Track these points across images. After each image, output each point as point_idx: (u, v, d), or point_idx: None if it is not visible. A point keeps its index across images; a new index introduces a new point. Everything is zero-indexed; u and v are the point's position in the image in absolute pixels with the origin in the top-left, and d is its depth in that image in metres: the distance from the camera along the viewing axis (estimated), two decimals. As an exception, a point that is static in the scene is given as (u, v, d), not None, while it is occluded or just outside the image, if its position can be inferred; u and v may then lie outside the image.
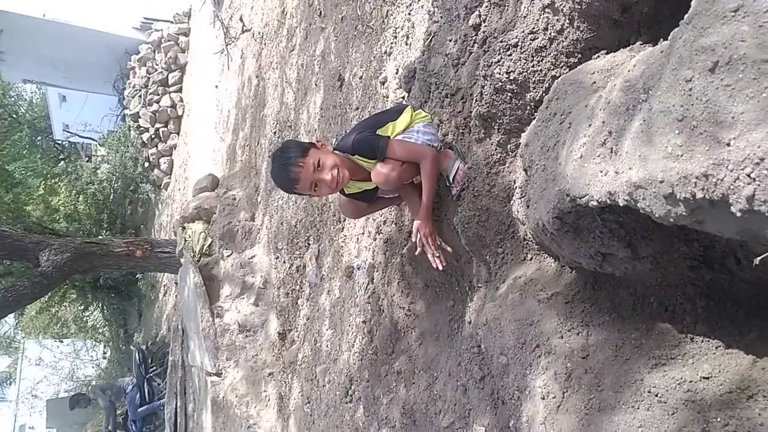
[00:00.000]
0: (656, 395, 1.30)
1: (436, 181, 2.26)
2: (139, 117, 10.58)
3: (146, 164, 10.97)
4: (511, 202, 1.90)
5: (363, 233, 3.26)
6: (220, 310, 5.42)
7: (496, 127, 1.95)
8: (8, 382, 15.25)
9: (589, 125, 1.29)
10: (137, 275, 10.31)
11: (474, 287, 2.23)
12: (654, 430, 1.26)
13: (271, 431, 4.35)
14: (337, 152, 2.26)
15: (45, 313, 11.52)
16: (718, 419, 1.20)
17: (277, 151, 2.25)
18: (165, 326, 8.29)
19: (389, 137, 2.22)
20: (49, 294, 9.36)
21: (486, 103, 1.90)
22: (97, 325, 12.78)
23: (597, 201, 1.17)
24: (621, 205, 1.12)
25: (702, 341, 1.37)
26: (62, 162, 12.81)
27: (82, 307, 11.36)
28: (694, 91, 0.95)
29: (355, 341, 3.18)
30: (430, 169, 2.18)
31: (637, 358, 1.41)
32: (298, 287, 4.37)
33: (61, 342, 13.84)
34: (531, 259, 1.89)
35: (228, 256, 5.55)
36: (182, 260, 6.00)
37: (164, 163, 10.71)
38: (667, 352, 1.38)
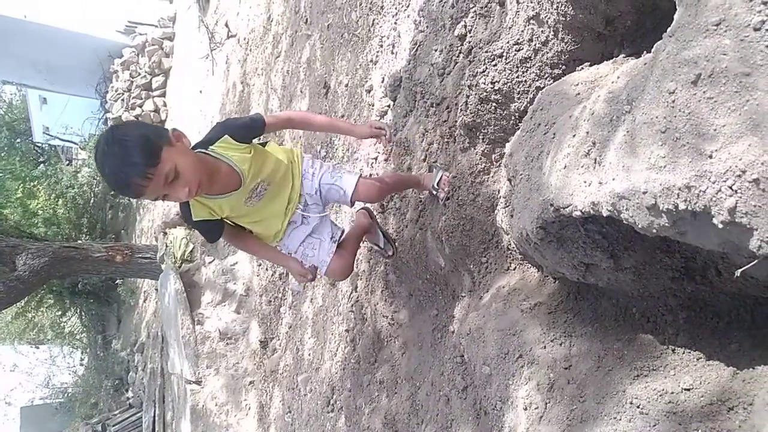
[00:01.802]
0: (638, 407, 1.30)
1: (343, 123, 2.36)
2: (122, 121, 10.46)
3: (128, 169, 10.80)
4: (495, 211, 1.90)
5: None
6: (200, 317, 5.35)
7: (480, 137, 1.95)
8: (-19, 389, 14.92)
9: (573, 136, 1.29)
10: (117, 281, 10.15)
11: (458, 296, 2.23)
12: (635, 442, 1.25)
13: (251, 443, 4.29)
14: (198, 153, 1.78)
15: (21, 318, 11.27)
16: (699, 430, 1.20)
17: (113, 142, 1.56)
18: (144, 333, 8.15)
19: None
20: (26, 299, 9.17)
21: (471, 113, 1.90)
22: (75, 331, 12.54)
23: (580, 211, 1.17)
24: (604, 215, 1.12)
25: (683, 352, 1.38)
26: (42, 165, 12.60)
27: (60, 312, 11.15)
28: (677, 103, 0.96)
29: (337, 350, 3.16)
30: (327, 121, 2.29)
31: (619, 369, 1.41)
32: (280, 295, 4.33)
33: (37, 348, 13.55)
34: (514, 269, 1.89)
35: (210, 262, 5.50)
36: (163, 266, 5.93)
37: (146, 167, 10.56)
38: (649, 363, 1.39)
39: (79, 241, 9.58)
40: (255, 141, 1.95)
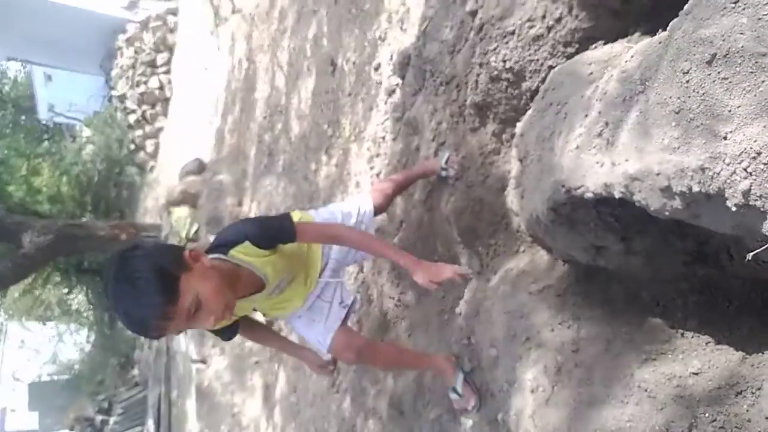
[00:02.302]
0: (646, 390, 1.29)
1: (388, 246, 1.94)
2: (126, 98, 10.42)
3: (132, 146, 10.81)
4: (505, 192, 1.88)
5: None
6: (206, 296, 5.38)
7: (491, 117, 1.92)
8: (-11, 364, 15.15)
9: (586, 116, 1.27)
10: (122, 259, 10.19)
11: (466, 280, 2.22)
12: (643, 425, 1.25)
13: (256, 420, 4.33)
14: (214, 260, 1.56)
15: (28, 295, 11.37)
16: (707, 414, 1.20)
17: (124, 280, 1.35)
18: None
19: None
20: (33, 276, 9.24)
21: (481, 92, 1.87)
22: (81, 309, 12.66)
23: (592, 193, 1.15)
24: (616, 197, 1.10)
25: (692, 337, 1.37)
26: (46, 142, 12.59)
27: (66, 290, 11.24)
28: (691, 84, 0.94)
29: (342, 330, 3.16)
30: (361, 240, 1.79)
31: (628, 352, 1.40)
32: (285, 274, 4.33)
33: (44, 325, 13.70)
34: (524, 252, 1.88)
35: (215, 241, 5.51)
36: (168, 244, 5.94)
37: (150, 145, 10.57)
38: (658, 347, 1.38)
39: (84, 219, 9.61)
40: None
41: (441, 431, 2.11)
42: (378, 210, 2.13)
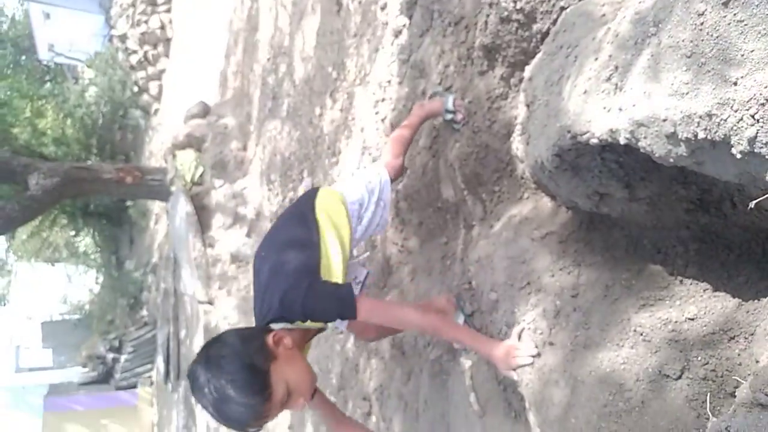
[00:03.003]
0: (641, 334, 1.32)
1: (463, 331, 1.79)
2: (127, 38, 10.20)
3: (135, 88, 10.68)
4: (511, 138, 1.87)
5: (358, 168, 3.22)
6: (211, 240, 5.45)
7: (499, 60, 1.88)
8: (2, 303, 15.52)
9: (596, 59, 1.24)
10: (128, 202, 10.26)
11: (468, 225, 2.23)
12: (636, 367, 1.29)
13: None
14: (288, 332, 1.48)
15: (36, 237, 11.53)
16: (699, 358, 1.23)
17: (216, 385, 1.32)
18: (156, 254, 8.34)
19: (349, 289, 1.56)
20: (40, 218, 9.33)
21: (490, 34, 1.82)
22: (89, 251, 12.85)
23: (598, 138, 1.14)
24: (622, 143, 1.10)
25: (691, 284, 1.38)
26: (48, 83, 12.43)
27: (73, 232, 11.39)
28: (705, 26, 0.91)
29: (346, 274, 3.21)
30: (435, 326, 1.65)
31: (626, 298, 1.42)
32: (290, 219, 4.36)
33: (53, 266, 13.95)
34: (527, 198, 1.88)
35: (220, 186, 5.52)
36: (173, 189, 5.97)
37: (154, 87, 10.43)
38: (656, 293, 1.40)
39: (89, 162, 9.61)
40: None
41: (441, 371, 2.18)
42: (394, 178, 2.04)
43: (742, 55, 0.86)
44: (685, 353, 1.25)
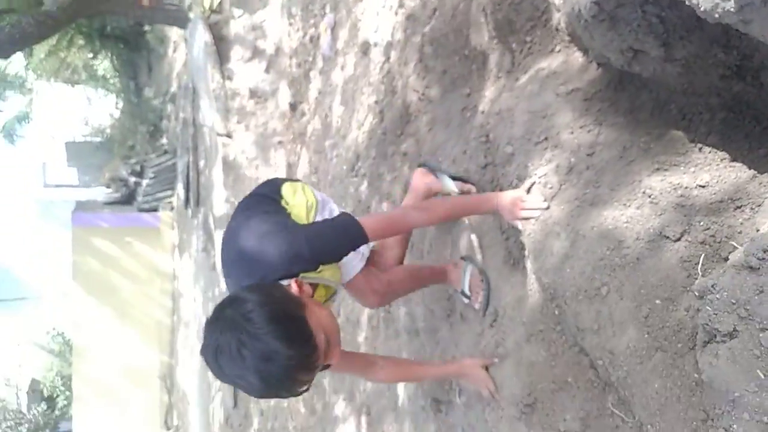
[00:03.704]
0: (650, 196, 1.35)
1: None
2: None
3: None
4: (551, -16, 1.74)
5: (384, 6, 3.05)
6: (230, 73, 5.36)
7: None
8: (26, 120, 15.81)
9: None
10: (145, 27, 9.93)
11: (494, 77, 2.17)
12: (638, 227, 1.33)
13: (277, 193, 4.63)
14: (306, 284, 1.36)
15: (54, 56, 11.34)
16: (701, 223, 1.27)
17: (247, 342, 1.14)
18: (175, 83, 8.26)
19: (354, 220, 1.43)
20: (56, 38, 9.12)
21: None
22: (107, 75, 12.74)
23: (645, -12, 1.07)
24: (670, -6, 1.03)
25: (709, 152, 1.38)
26: None
27: (91, 54, 11.18)
28: None
29: (365, 120, 3.20)
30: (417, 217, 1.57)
31: (642, 161, 1.43)
32: (310, 59, 4.24)
33: (73, 87, 13.94)
34: (558, 52, 1.80)
35: (239, 16, 5.29)
36: (191, 15, 5.73)
37: None
38: (673, 158, 1.40)
39: (105, -20, 9.11)
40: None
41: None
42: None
43: None
44: (689, 218, 1.29)
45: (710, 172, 1.33)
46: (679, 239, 1.27)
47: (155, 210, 8.92)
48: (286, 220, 1.49)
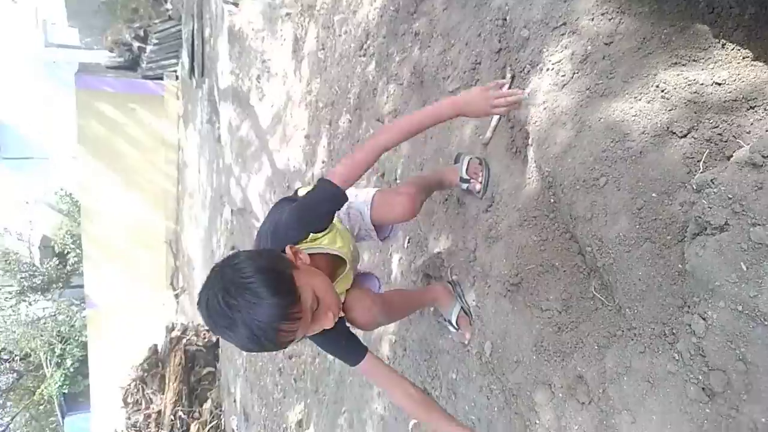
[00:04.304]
0: (662, 90, 1.32)
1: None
2: None
3: None
4: None
5: None
6: (239, -67, 5.00)
7: None
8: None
9: None
10: None
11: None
12: (646, 121, 1.32)
13: (284, 70, 4.51)
14: (303, 252, 1.42)
15: None
16: (711, 120, 1.26)
17: (233, 291, 1.20)
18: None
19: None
20: None
21: None
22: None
23: None
24: None
25: (732, 49, 1.33)
26: None
27: None
28: None
29: (378, -5, 3.04)
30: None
31: (660, 53, 1.38)
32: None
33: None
34: (590, -72, 1.67)
35: None
36: None
37: None
38: (693, 53, 1.35)
39: None
40: None
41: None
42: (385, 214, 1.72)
43: None
44: (699, 114, 1.28)
45: (729, 69, 1.30)
46: (685, 136, 1.26)
47: (160, 78, 8.74)
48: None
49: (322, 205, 1.43)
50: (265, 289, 1.18)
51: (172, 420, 6.26)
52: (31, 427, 14.60)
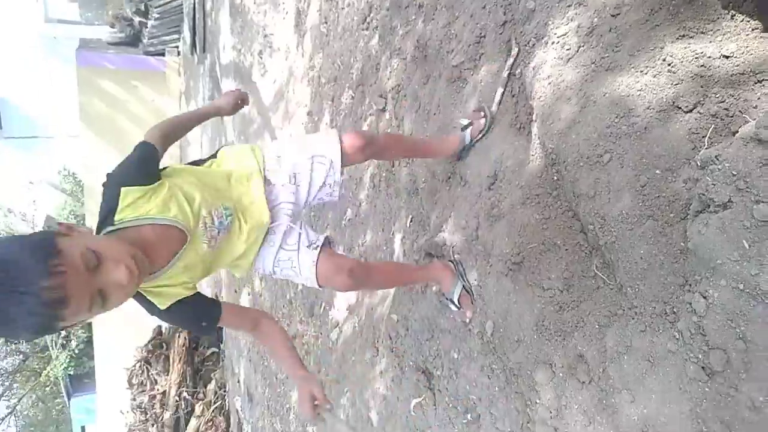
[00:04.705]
0: (669, 64, 1.29)
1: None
2: None
3: None
4: None
5: None
6: None
7: None
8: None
9: None
10: None
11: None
12: (651, 95, 1.29)
13: (287, 45, 4.45)
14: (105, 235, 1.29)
15: None
16: (717, 95, 1.23)
17: None
18: None
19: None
20: None
21: None
22: None
23: None
24: None
25: (741, 20, 1.29)
26: None
27: None
28: None
29: (381, -34, 2.98)
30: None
31: (668, 26, 1.34)
32: None
33: None
34: None
35: None
36: None
37: None
38: (701, 25, 1.32)
39: None
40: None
41: (459, 78, 2.19)
42: (348, 161, 1.69)
43: None
44: (705, 89, 1.24)
45: (738, 42, 1.26)
46: (691, 111, 1.24)
47: (161, 54, 8.66)
48: None
49: (128, 161, 1.39)
50: (14, 259, 1.05)
51: (176, 401, 6.35)
52: (38, 408, 14.84)
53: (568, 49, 1.48)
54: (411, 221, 2.51)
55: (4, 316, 1.04)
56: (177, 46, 8.54)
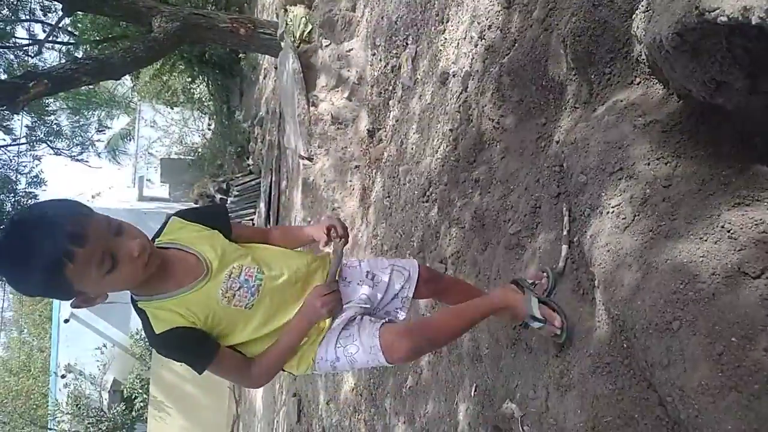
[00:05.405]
0: (728, 231, 1.30)
1: None
2: None
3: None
4: (633, 16, 1.73)
5: (464, 38, 3.12)
6: (315, 99, 5.60)
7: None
8: (128, 137, 17.24)
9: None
10: (240, 54, 10.60)
11: (570, 107, 2.17)
12: (715, 262, 1.29)
13: (353, 216, 4.76)
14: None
15: (157, 79, 12.34)
16: (785, 261, 1.21)
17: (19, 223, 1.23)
18: (264, 108, 8.72)
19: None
20: (160, 62, 9.91)
21: None
22: (203, 99, 13.67)
23: (728, 17, 1.06)
24: (754, 24, 1.01)
25: (797, 188, 1.32)
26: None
27: (190, 78, 12.05)
28: None
29: (439, 147, 3.26)
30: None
31: (721, 194, 1.39)
32: (391, 88, 4.38)
33: (172, 109, 15.04)
34: (638, 84, 1.78)
35: (326, 45, 5.55)
36: (282, 44, 6.08)
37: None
38: (755, 194, 1.35)
39: (207, 10, 9.85)
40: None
41: (518, 245, 2.26)
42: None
43: None
44: (770, 255, 1.23)
45: (797, 209, 1.27)
46: (759, 276, 1.22)
47: (236, 226, 9.32)
48: None
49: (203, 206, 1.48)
50: (58, 202, 1.27)
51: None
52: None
53: (623, 218, 1.53)
54: (475, 390, 2.41)
55: (25, 242, 1.16)
56: (252, 219, 9.24)
